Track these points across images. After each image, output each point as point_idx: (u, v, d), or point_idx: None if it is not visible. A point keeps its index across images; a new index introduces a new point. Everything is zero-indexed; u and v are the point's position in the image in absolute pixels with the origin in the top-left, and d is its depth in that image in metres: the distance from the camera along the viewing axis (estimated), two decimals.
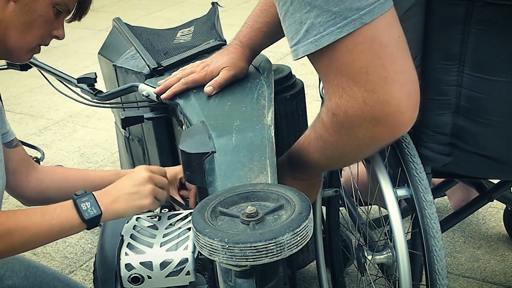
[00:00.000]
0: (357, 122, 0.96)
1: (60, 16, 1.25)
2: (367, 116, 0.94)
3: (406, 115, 0.94)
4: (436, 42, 1.06)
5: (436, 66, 1.07)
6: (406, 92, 0.93)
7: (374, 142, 1.00)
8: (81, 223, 1.08)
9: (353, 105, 0.94)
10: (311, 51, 0.94)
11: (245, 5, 4.89)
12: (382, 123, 0.94)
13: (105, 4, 5.21)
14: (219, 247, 0.84)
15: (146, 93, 1.45)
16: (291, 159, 1.21)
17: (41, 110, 3.32)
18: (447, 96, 1.09)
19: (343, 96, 0.94)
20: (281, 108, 1.54)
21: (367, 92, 0.92)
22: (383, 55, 0.91)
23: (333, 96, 0.96)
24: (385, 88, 0.91)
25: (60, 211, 1.08)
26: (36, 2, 1.19)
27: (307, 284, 1.87)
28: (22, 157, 1.35)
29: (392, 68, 0.91)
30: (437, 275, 1.11)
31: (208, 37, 1.71)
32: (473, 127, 1.10)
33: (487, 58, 1.03)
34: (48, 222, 1.07)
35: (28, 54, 1.26)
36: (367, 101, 0.92)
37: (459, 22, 1.01)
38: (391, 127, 0.95)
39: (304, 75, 3.35)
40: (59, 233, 1.09)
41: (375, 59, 0.91)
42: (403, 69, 0.93)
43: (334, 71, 0.94)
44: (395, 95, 0.92)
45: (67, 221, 1.08)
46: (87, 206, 1.08)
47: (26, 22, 1.20)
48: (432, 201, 1.12)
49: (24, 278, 1.37)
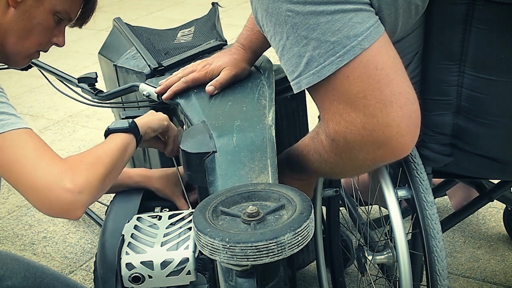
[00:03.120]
0: (358, 147, 0.96)
1: (61, 24, 1.25)
2: (368, 140, 0.94)
3: (407, 137, 0.94)
4: (437, 42, 1.06)
5: (436, 66, 1.07)
6: (406, 114, 0.93)
7: (375, 163, 1.00)
8: (128, 135, 1.19)
9: (352, 130, 0.94)
10: (314, 82, 0.94)
11: (245, 5, 4.89)
12: (383, 147, 0.94)
13: (105, 4, 5.20)
14: (220, 247, 0.84)
15: (146, 93, 1.45)
16: (290, 161, 1.21)
17: (41, 110, 3.32)
18: (447, 96, 1.09)
19: (341, 122, 0.95)
20: (282, 108, 1.54)
21: (366, 116, 0.92)
22: (379, 78, 0.91)
23: (330, 123, 0.96)
24: (384, 111, 0.91)
25: (109, 139, 1.18)
26: (36, 9, 1.19)
27: (307, 284, 1.87)
28: None
29: (390, 90, 0.91)
30: (438, 275, 1.11)
31: (208, 37, 1.71)
32: (474, 128, 1.10)
33: (488, 58, 1.03)
34: (112, 143, 1.16)
35: (26, 59, 1.26)
36: (367, 126, 0.92)
37: (460, 22, 1.01)
38: (393, 149, 0.95)
39: None
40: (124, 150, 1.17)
41: (372, 83, 0.91)
42: (401, 90, 0.93)
43: (331, 98, 0.94)
44: (394, 118, 0.92)
45: (120, 139, 1.17)
46: (120, 124, 1.21)
47: (25, 29, 1.20)
48: (433, 202, 1.13)
49: (23, 278, 1.37)
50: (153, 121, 1.30)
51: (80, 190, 1.03)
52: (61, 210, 1.03)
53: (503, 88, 1.04)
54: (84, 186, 1.04)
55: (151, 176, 1.35)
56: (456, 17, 1.02)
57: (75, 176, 1.04)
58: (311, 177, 1.24)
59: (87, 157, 1.11)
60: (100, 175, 1.08)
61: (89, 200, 1.05)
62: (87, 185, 1.04)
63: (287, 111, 1.55)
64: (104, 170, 1.09)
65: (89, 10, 1.28)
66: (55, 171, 1.04)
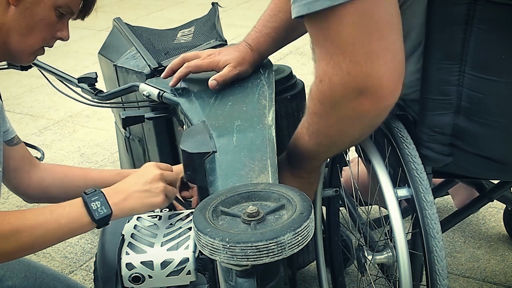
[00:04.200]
0: (340, 92, 0.98)
1: (63, 18, 1.24)
2: (349, 86, 0.96)
3: (387, 91, 0.96)
4: (438, 41, 1.06)
5: (437, 66, 1.07)
6: (390, 70, 0.95)
7: (356, 114, 1.00)
8: (91, 223, 1.07)
9: (338, 73, 0.96)
10: (303, 12, 0.95)
11: (245, 5, 4.90)
12: (363, 95, 0.96)
13: (105, 4, 5.21)
14: (220, 247, 0.84)
15: (146, 93, 1.45)
16: (289, 153, 1.22)
17: (41, 110, 3.32)
18: (448, 96, 1.09)
19: (330, 63, 0.96)
20: (282, 108, 1.54)
21: (351, 62, 0.94)
22: (372, 30, 0.92)
23: (321, 62, 0.98)
24: (369, 62, 0.93)
25: (69, 210, 1.07)
26: (37, 6, 1.19)
27: (307, 284, 1.87)
28: (24, 155, 1.35)
29: (379, 45, 0.93)
30: (438, 275, 1.11)
31: (208, 37, 1.71)
32: (474, 128, 1.10)
33: (489, 58, 1.03)
34: (57, 221, 1.05)
35: (31, 56, 1.26)
36: (351, 72, 0.94)
37: (461, 22, 1.01)
38: (372, 99, 0.97)
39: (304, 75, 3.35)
40: (69, 232, 1.07)
41: (364, 33, 0.92)
42: (390, 47, 0.94)
43: (325, 36, 0.95)
44: (377, 71, 0.94)
45: (77, 220, 1.06)
46: (97, 205, 1.07)
47: (27, 26, 1.20)
48: (433, 202, 1.13)
49: (24, 278, 1.37)
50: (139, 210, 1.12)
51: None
52: None
53: (504, 88, 1.04)
54: None
55: None
56: (457, 17, 1.02)
57: None
58: (310, 171, 1.24)
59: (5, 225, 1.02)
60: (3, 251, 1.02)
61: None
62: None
63: (287, 111, 1.56)
64: (12, 248, 1.03)
65: (90, 2, 1.27)
66: None
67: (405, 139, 1.16)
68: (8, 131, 1.32)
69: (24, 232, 1.03)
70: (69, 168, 1.45)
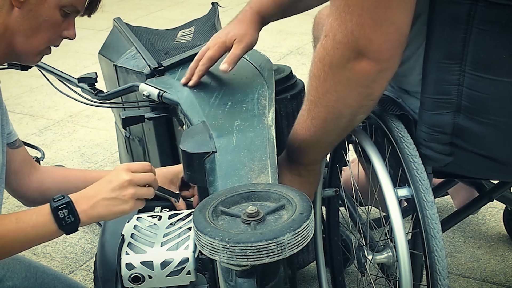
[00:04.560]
0: (340, 49, 1.01)
1: (69, 17, 1.23)
2: (350, 45, 1.00)
3: (385, 56, 1.01)
4: (438, 40, 1.06)
5: (437, 65, 1.07)
6: (390, 40, 0.99)
7: (352, 75, 1.03)
8: (58, 230, 1.06)
9: (342, 31, 0.99)
10: None
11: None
12: (362, 56, 1.00)
13: (105, 4, 5.19)
14: (220, 247, 0.84)
15: (146, 93, 1.45)
16: (288, 148, 1.23)
17: (41, 110, 3.32)
18: (448, 95, 1.09)
19: (337, 19, 1.00)
20: (282, 108, 1.54)
21: (356, 24, 0.98)
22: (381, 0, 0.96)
23: (331, 16, 1.01)
24: (372, 28, 0.97)
25: (36, 218, 1.06)
26: (41, 7, 1.17)
27: (307, 284, 1.87)
28: (24, 158, 1.35)
29: (385, 15, 0.97)
30: (438, 275, 1.11)
31: (208, 37, 1.70)
32: (474, 127, 1.10)
33: (489, 58, 1.03)
34: (23, 229, 1.05)
35: (38, 56, 1.25)
36: (354, 32, 0.98)
37: (462, 22, 1.01)
38: (370, 61, 1.00)
39: (304, 75, 3.34)
40: (36, 240, 1.07)
41: (373, 1, 0.96)
42: (394, 20, 0.98)
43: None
44: (379, 37, 0.98)
45: (43, 228, 1.06)
46: (64, 214, 1.05)
47: (31, 27, 1.19)
48: (433, 202, 1.13)
49: (24, 279, 1.37)
50: (108, 217, 1.10)
51: None
52: None
53: (504, 88, 1.04)
54: None
55: None
56: (458, 17, 1.02)
57: None
58: (309, 169, 1.24)
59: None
60: None
61: None
62: None
63: (287, 111, 1.56)
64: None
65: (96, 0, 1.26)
66: None
67: (405, 139, 1.16)
68: (11, 134, 1.32)
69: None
70: (68, 170, 1.45)
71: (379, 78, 1.04)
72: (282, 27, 4.22)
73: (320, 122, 1.12)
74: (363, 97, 1.08)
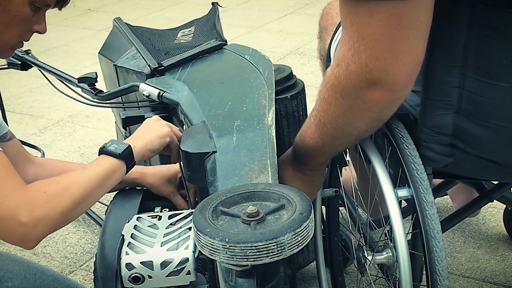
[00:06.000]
0: (353, 79, 1.00)
1: (39, 12, 1.21)
2: (364, 76, 0.98)
3: (400, 86, 0.99)
4: (440, 43, 1.06)
5: (438, 67, 1.07)
6: (406, 70, 0.98)
7: (365, 104, 1.02)
8: (119, 161, 1.14)
9: (356, 61, 0.98)
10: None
11: (245, 5, 4.89)
12: (375, 86, 0.98)
13: (105, 4, 5.21)
14: (220, 247, 0.85)
15: (147, 92, 1.45)
16: (294, 148, 1.23)
17: (41, 110, 3.32)
18: (448, 97, 1.09)
19: (351, 50, 0.98)
20: (282, 108, 1.54)
21: (371, 56, 0.96)
22: (397, 33, 0.94)
23: (343, 46, 1.00)
24: (388, 60, 0.96)
25: (97, 161, 1.13)
26: (11, 2, 1.15)
27: (307, 284, 1.87)
28: (18, 150, 1.34)
29: (401, 47, 0.95)
30: (438, 275, 1.11)
31: (208, 37, 1.71)
32: (474, 129, 1.10)
33: (490, 63, 1.03)
34: (93, 171, 1.11)
35: (9, 51, 1.24)
36: (369, 64, 0.97)
37: (463, 26, 1.02)
38: (383, 91, 0.99)
39: (304, 75, 3.35)
40: (107, 177, 1.12)
41: (388, 34, 0.94)
42: (411, 51, 0.97)
43: (352, 23, 0.98)
44: (394, 69, 0.97)
45: (107, 164, 1.13)
46: (114, 146, 1.15)
47: (2, 23, 1.17)
48: (433, 202, 1.12)
49: (23, 279, 1.36)
50: (153, 142, 1.23)
51: (35, 224, 1.00)
52: (14, 241, 1.02)
53: (504, 92, 1.04)
54: (40, 220, 1.01)
55: (146, 172, 1.35)
56: (459, 21, 1.02)
57: (32, 209, 1.01)
58: (313, 169, 1.24)
59: (54, 186, 1.06)
60: (63, 208, 1.04)
61: (44, 233, 1.03)
62: (44, 220, 1.01)
63: (287, 111, 1.56)
64: (70, 203, 1.05)
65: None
66: (12, 202, 1.01)
67: (405, 139, 1.16)
68: (0, 127, 1.31)
69: (73, 186, 1.07)
70: (65, 164, 1.44)
71: (392, 105, 1.04)
72: (282, 27, 4.23)
73: (328, 138, 1.13)
74: (372, 121, 1.08)
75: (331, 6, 1.53)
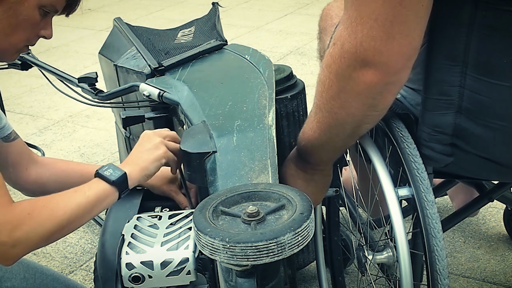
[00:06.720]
0: (347, 59, 0.99)
1: (47, 16, 1.22)
2: (358, 56, 0.98)
3: (394, 68, 0.99)
4: (440, 42, 1.06)
5: (439, 66, 1.07)
6: (401, 53, 0.97)
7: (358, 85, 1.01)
8: (111, 188, 1.12)
9: (351, 40, 0.98)
10: None
11: (245, 5, 4.89)
12: (369, 67, 0.98)
13: (105, 4, 5.21)
14: (220, 247, 0.84)
15: (147, 92, 1.45)
16: (297, 145, 1.23)
17: (41, 110, 3.32)
18: (449, 96, 1.09)
19: (348, 28, 0.98)
20: (282, 108, 1.54)
21: (367, 36, 0.96)
22: (397, 13, 0.94)
23: (341, 25, 1.00)
24: (384, 41, 0.95)
25: (89, 185, 1.12)
26: (21, 5, 1.16)
27: (307, 284, 1.87)
28: (22, 150, 1.35)
29: (399, 28, 0.95)
30: (438, 275, 1.11)
31: (209, 37, 1.71)
32: (475, 129, 1.10)
33: (490, 62, 1.03)
34: (83, 195, 1.10)
35: (14, 55, 1.24)
36: (364, 44, 0.96)
37: (463, 25, 1.01)
38: (376, 73, 0.99)
39: (304, 75, 3.35)
40: (97, 203, 1.11)
41: (388, 13, 0.94)
42: (408, 33, 0.96)
43: (352, 2, 0.98)
44: (389, 50, 0.96)
45: (99, 190, 1.11)
46: (110, 172, 1.13)
47: (10, 26, 1.17)
48: (433, 201, 1.13)
49: (23, 279, 1.36)
50: (149, 168, 1.19)
51: (14, 244, 1.00)
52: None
53: (505, 92, 1.04)
54: (19, 241, 1.01)
55: None
56: (460, 21, 1.02)
57: (14, 230, 1.00)
58: (315, 167, 1.24)
59: (39, 208, 1.05)
60: (45, 232, 1.04)
61: (23, 254, 1.03)
62: (23, 241, 1.01)
63: (287, 111, 1.55)
64: (53, 228, 1.05)
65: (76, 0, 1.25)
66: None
67: (406, 139, 1.16)
68: (4, 127, 1.31)
69: (59, 210, 1.06)
70: (67, 164, 1.44)
71: (386, 90, 1.02)
72: (282, 27, 4.23)
73: (324, 126, 1.12)
74: (367, 108, 1.06)
75: (331, 7, 1.53)
